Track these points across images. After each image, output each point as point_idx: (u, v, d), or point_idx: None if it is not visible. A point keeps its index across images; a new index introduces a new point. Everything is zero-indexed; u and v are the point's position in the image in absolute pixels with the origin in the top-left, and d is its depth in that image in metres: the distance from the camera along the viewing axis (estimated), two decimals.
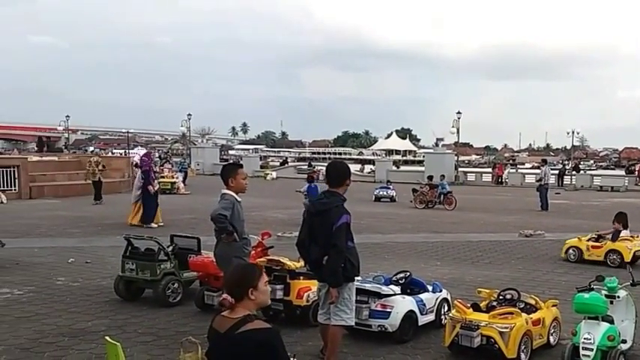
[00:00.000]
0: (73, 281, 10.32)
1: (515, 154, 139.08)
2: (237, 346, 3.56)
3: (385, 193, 30.02)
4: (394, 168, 53.60)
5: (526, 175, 47.59)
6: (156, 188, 17.98)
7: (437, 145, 56.92)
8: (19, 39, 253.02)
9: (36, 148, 61.77)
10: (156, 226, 17.02)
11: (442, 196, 26.45)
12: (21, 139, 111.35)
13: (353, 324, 6.59)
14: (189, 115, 67.15)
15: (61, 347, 6.98)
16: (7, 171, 25.83)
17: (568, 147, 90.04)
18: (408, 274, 8.12)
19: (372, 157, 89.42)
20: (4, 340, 6.88)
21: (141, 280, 8.99)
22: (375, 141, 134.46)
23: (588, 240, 12.91)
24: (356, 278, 6.58)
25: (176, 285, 8.94)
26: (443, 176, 29.66)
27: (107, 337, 5.47)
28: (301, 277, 8.10)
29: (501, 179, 47.55)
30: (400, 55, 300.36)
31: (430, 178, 29.12)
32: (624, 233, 12.48)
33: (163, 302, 8.75)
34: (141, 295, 9.19)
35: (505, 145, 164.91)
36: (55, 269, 11.27)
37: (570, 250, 12.99)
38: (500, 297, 7.37)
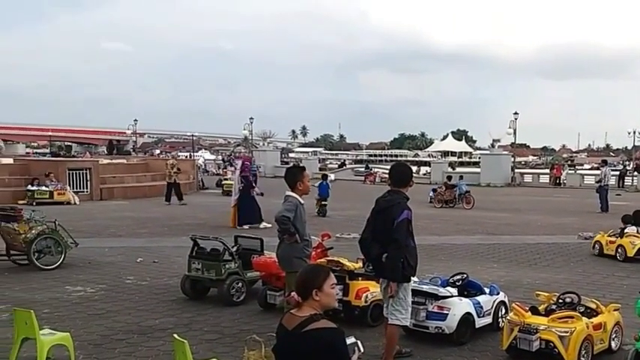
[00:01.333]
0: (141, 280, 10.53)
1: (574, 154, 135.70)
2: (302, 343, 3.60)
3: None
4: (450, 169, 52.87)
5: (585, 177, 45.87)
6: (258, 191, 18.38)
7: (493, 146, 55.82)
8: (92, 45, 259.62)
9: (106, 151, 63.30)
10: (263, 227, 16.90)
11: (460, 195, 27.02)
12: (92, 142, 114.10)
13: (408, 324, 6.61)
14: (252, 118, 67.82)
15: (131, 344, 7.12)
16: (79, 173, 26.42)
17: (629, 147, 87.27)
18: (465, 276, 8.01)
19: (427, 159, 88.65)
20: (78, 336, 7.02)
21: (206, 279, 9.11)
22: (431, 143, 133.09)
23: (609, 236, 13.92)
24: (412, 279, 6.58)
25: (240, 284, 9.03)
26: (461, 177, 30.63)
27: (175, 335, 5.58)
28: (360, 278, 8.11)
29: (559, 180, 46.24)
30: (457, 56, 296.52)
31: (449, 178, 29.90)
32: (631, 230, 13.60)
33: (228, 301, 8.85)
34: (206, 294, 9.30)
35: (563, 146, 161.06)
36: (125, 268, 11.51)
37: (596, 245, 14.10)
38: (560, 300, 7.18)
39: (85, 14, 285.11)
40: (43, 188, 23.99)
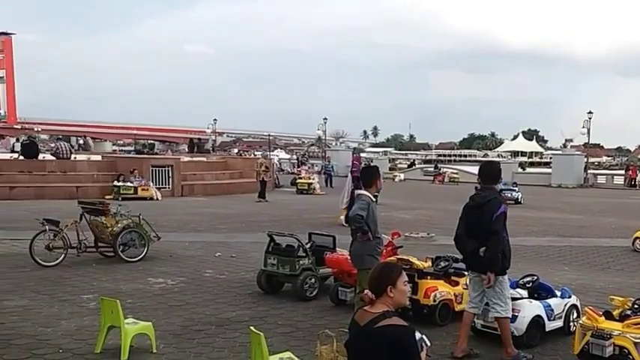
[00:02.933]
0: (219, 274, 10.69)
1: None
2: (373, 339, 3.59)
3: (510, 195, 29.08)
4: (520, 170, 51.71)
5: None
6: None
7: (565, 146, 54.26)
8: (175, 48, 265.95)
9: (187, 150, 64.52)
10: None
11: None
12: (174, 140, 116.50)
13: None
14: (325, 118, 68.03)
15: (209, 335, 7.23)
16: (162, 170, 27.02)
17: None
18: (536, 278, 7.78)
19: (497, 159, 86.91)
20: (159, 326, 7.16)
21: (281, 274, 9.17)
22: (501, 143, 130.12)
23: None
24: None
25: (313, 280, 9.05)
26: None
27: (251, 327, 5.64)
28: (429, 277, 8.01)
29: (635, 182, 44.36)
30: (529, 55, 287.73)
31: None
32: None
33: (301, 296, 8.89)
34: (281, 289, 9.36)
35: (639, 146, 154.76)
36: (204, 262, 11.71)
37: (637, 241, 14.25)
38: (636, 306, 6.85)
39: (169, 19, 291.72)
40: (128, 184, 24.66)
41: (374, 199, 7.11)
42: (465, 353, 6.56)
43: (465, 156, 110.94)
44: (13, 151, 34.88)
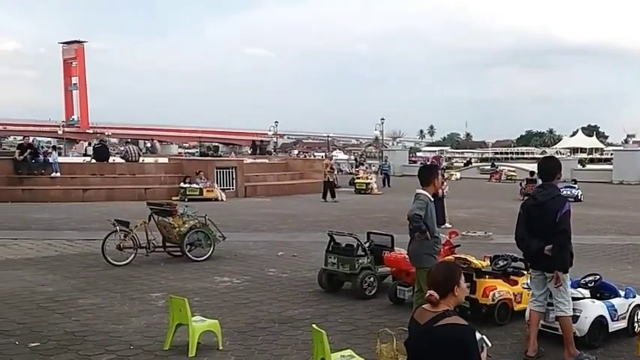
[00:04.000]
0: (282, 272, 10.75)
1: None
2: (434, 338, 3.57)
3: (570, 192, 28.31)
4: (579, 167, 50.26)
5: None
6: (445, 190, 17.72)
7: (627, 141, 52.36)
8: (236, 51, 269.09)
9: (249, 152, 65.31)
10: (450, 226, 16.17)
11: None
12: (237, 143, 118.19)
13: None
14: (383, 119, 67.94)
15: (273, 332, 7.28)
16: (226, 172, 27.35)
17: None
18: (598, 277, 7.53)
19: (556, 157, 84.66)
20: (226, 324, 7.23)
21: (341, 273, 9.16)
22: (560, 139, 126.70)
23: None
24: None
25: (372, 279, 9.02)
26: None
27: (314, 325, 5.66)
28: (487, 276, 7.88)
29: None
30: (589, 50, 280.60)
31: (532, 174, 29.23)
32: None
33: (360, 295, 8.86)
34: (341, 288, 9.35)
35: None
36: (267, 261, 11.80)
37: None
38: None
39: (230, 23, 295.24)
40: (194, 185, 25.03)
41: (432, 199, 7.03)
42: (536, 353, 6.42)
43: (523, 153, 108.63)
44: (85, 155, 36.01)
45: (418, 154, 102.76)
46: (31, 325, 7.40)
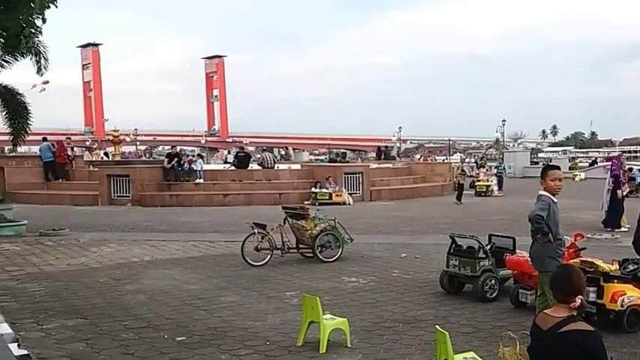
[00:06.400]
0: (405, 274, 10.68)
1: None
2: (558, 344, 3.35)
3: None
4: None
5: None
6: (625, 192, 17.27)
7: None
8: (362, 60, 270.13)
9: (375, 157, 65.32)
10: (626, 230, 15.59)
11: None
12: (362, 149, 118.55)
13: None
14: (504, 120, 65.70)
15: (397, 332, 7.26)
16: (353, 177, 27.42)
17: None
18: None
19: None
20: (353, 322, 7.27)
21: (462, 275, 8.98)
22: None
23: None
24: None
25: (493, 281, 8.76)
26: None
27: (437, 326, 5.59)
28: (615, 281, 7.39)
29: None
30: None
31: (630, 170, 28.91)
32: None
33: (481, 297, 8.64)
34: (462, 290, 9.17)
35: None
36: (391, 262, 11.76)
37: None
38: None
39: (354, 33, 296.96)
40: (324, 190, 25.29)
41: (555, 200, 6.70)
42: None
43: None
44: (225, 162, 37.48)
45: (540, 155, 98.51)
46: (178, 321, 7.81)
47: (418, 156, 74.02)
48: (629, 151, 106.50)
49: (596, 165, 60.43)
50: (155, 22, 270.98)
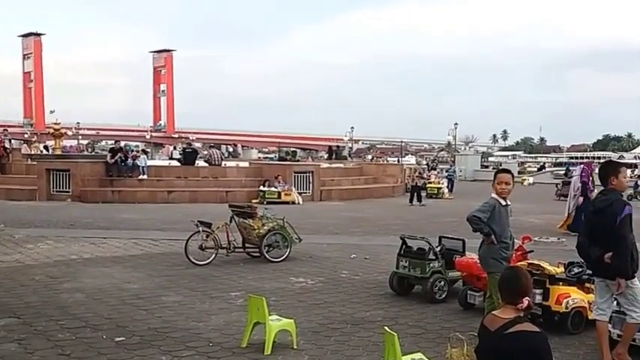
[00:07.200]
0: (354, 275, 10.72)
1: None
2: (505, 345, 3.44)
3: None
4: None
5: None
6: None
7: None
8: (315, 58, 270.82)
9: (326, 156, 65.49)
10: None
11: None
12: (314, 148, 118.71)
13: None
14: (456, 124, 67.00)
15: (345, 333, 7.26)
16: (303, 176, 27.50)
17: None
18: None
19: (634, 161, 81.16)
20: (300, 323, 7.25)
21: (412, 276, 9.06)
22: (639, 144, 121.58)
23: None
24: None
25: (442, 283, 8.87)
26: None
27: (386, 328, 5.61)
28: (561, 283, 7.59)
29: None
30: None
31: (566, 174, 31.19)
32: None
33: (430, 298, 8.73)
34: (411, 291, 9.25)
35: None
36: (340, 263, 11.79)
37: None
38: None
39: (309, 31, 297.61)
40: (273, 189, 25.28)
41: (506, 203, 6.81)
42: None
43: (599, 158, 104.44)
44: (171, 158, 36.94)
45: (490, 158, 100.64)
46: (117, 320, 7.65)
47: (370, 157, 74.71)
48: (576, 157, 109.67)
49: (544, 170, 62.14)
50: (102, 12, 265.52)
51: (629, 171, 56.98)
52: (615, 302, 6.35)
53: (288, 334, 6.73)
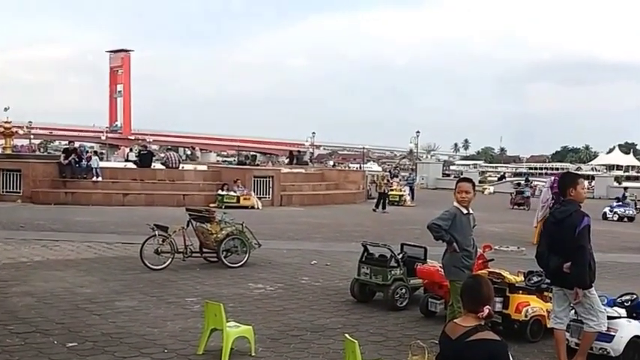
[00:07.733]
0: (315, 281, 10.70)
1: None
2: (466, 353, 3.49)
3: (623, 210, 28.09)
4: (616, 184, 49.19)
5: None
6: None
7: None
8: (276, 61, 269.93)
9: (286, 161, 65.39)
10: None
11: None
12: (274, 152, 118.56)
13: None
14: (418, 132, 67.57)
15: (305, 340, 7.23)
16: (263, 180, 27.35)
17: None
18: (635, 296, 7.31)
19: (591, 173, 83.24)
20: (258, 330, 7.19)
21: (373, 283, 9.08)
22: (596, 156, 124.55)
23: None
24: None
25: (404, 290, 8.91)
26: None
27: (346, 335, 5.61)
28: (520, 292, 7.72)
29: None
30: (626, 66, 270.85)
31: (518, 184, 33.66)
32: None
33: (392, 306, 8.77)
34: (372, 298, 9.27)
35: None
36: (300, 269, 11.76)
37: None
38: None
39: (269, 35, 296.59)
40: (232, 193, 25.07)
41: (468, 211, 6.89)
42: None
43: (557, 169, 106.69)
44: (127, 160, 36.48)
45: (451, 167, 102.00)
46: (69, 326, 7.48)
47: (332, 162, 75.02)
48: (535, 168, 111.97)
49: (504, 180, 63.17)
50: (58, 9, 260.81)
51: (586, 182, 58.48)
52: (573, 311, 6.50)
53: (246, 341, 6.66)
